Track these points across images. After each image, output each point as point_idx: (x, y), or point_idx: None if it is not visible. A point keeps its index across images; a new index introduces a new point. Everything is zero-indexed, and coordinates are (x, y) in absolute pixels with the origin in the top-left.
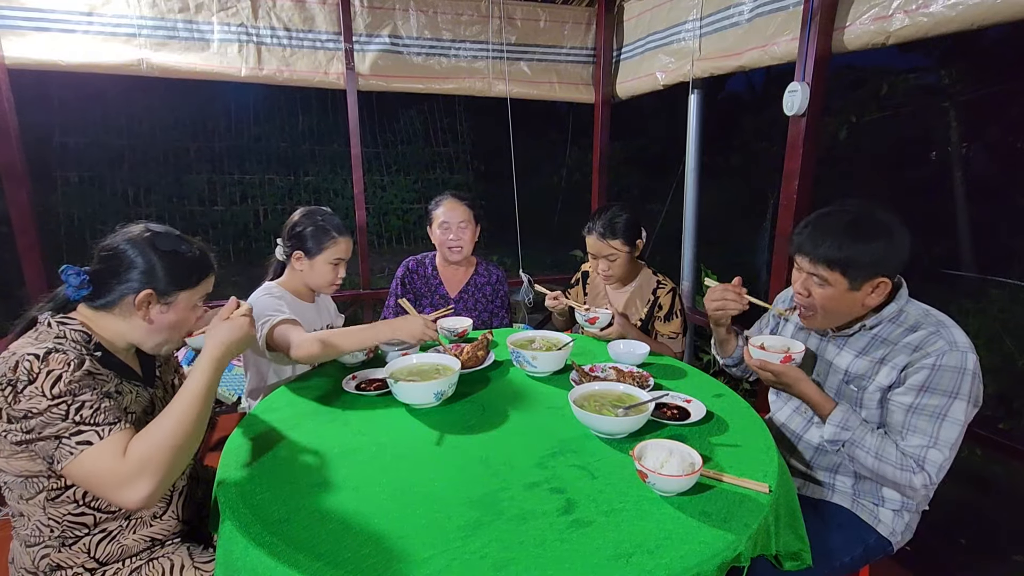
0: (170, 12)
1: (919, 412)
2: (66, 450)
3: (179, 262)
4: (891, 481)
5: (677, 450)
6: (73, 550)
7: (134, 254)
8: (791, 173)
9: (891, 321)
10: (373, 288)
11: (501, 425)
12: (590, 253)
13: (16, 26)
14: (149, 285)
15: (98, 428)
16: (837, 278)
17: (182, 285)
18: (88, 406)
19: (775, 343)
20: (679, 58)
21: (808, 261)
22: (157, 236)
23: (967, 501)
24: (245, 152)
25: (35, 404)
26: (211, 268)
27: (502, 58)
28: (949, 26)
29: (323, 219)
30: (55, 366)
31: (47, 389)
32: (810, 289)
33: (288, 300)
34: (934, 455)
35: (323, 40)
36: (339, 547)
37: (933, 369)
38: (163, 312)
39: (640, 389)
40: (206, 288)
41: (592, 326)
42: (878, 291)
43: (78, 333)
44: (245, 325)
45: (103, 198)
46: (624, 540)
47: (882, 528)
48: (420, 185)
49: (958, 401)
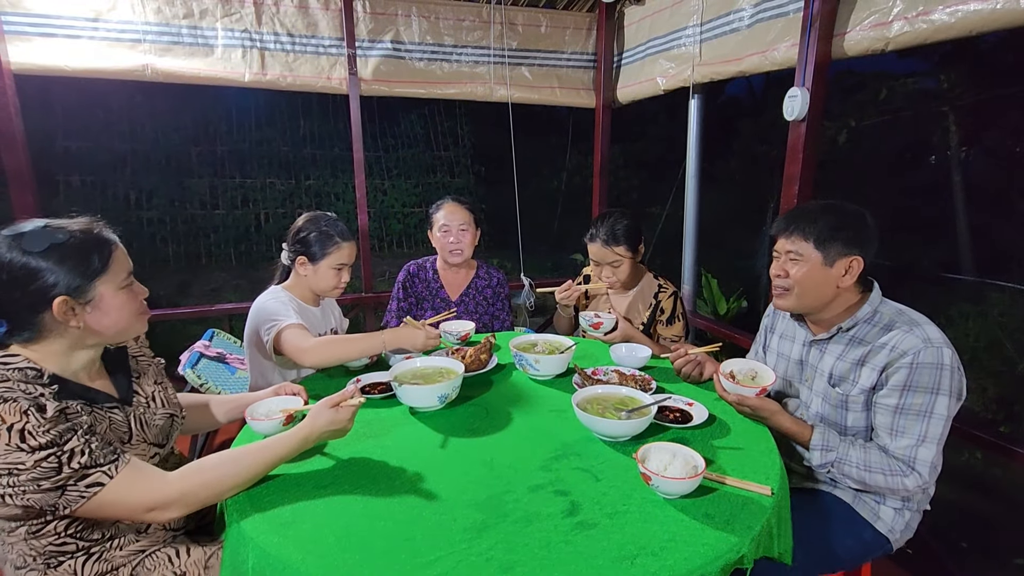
0: (175, 18)
1: (905, 412)
2: (74, 495)
3: (67, 254)
4: (884, 488)
5: (680, 453)
6: (59, 571)
7: (16, 267)
8: (791, 177)
9: (866, 322)
10: (375, 292)
11: (505, 428)
12: (593, 260)
13: (22, 31)
14: (54, 292)
15: (103, 468)
16: (810, 251)
17: (90, 275)
18: (79, 452)
19: (743, 368)
20: (679, 63)
21: (784, 238)
22: (24, 237)
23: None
24: (247, 156)
25: (15, 461)
26: (110, 242)
27: (503, 63)
28: (949, 32)
29: (327, 224)
30: (12, 419)
31: (20, 444)
32: (787, 269)
33: (294, 305)
34: (923, 453)
35: (326, 45)
36: (345, 549)
37: (912, 368)
38: (92, 311)
39: (643, 392)
40: (122, 266)
41: (597, 331)
42: (851, 271)
43: (23, 371)
44: (346, 420)
45: (105, 202)
46: (628, 542)
47: (880, 525)
48: (421, 189)
49: (940, 396)
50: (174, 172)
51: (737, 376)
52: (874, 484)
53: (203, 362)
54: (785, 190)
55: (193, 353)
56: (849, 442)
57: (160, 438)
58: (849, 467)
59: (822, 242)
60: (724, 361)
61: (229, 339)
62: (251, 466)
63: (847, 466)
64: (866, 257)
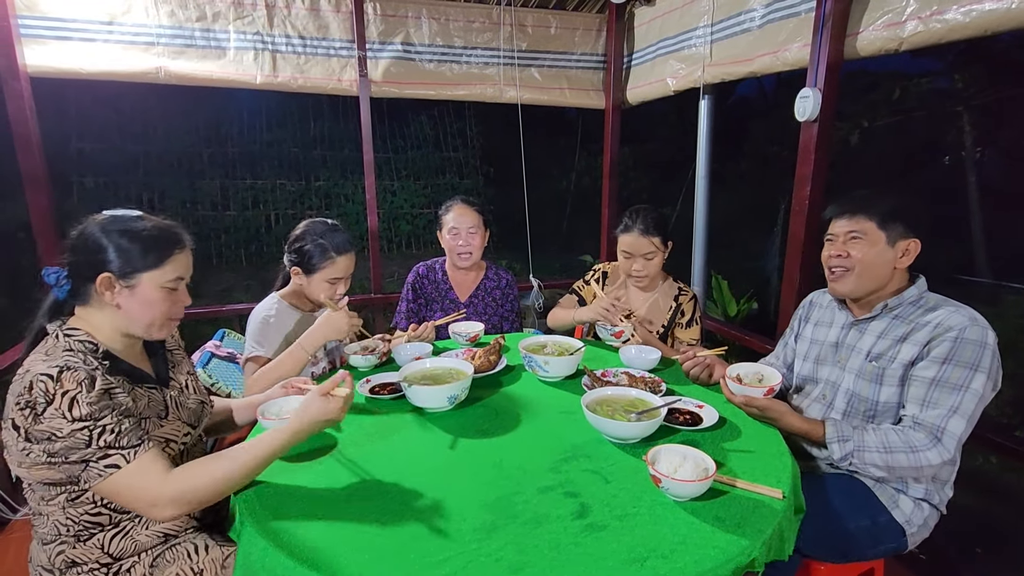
0: (188, 21)
1: (941, 384)
2: (94, 472)
3: (134, 241)
4: (908, 468)
5: (690, 455)
6: (87, 546)
7: (91, 238)
8: (803, 178)
9: (912, 303)
10: (384, 292)
11: (514, 429)
12: (624, 252)
13: (38, 35)
14: (106, 268)
15: (123, 452)
16: (874, 231)
17: (140, 266)
18: (110, 430)
19: (749, 371)
20: (690, 64)
21: (847, 218)
22: (113, 218)
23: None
24: (257, 157)
25: (57, 427)
26: (175, 246)
27: (513, 64)
28: (963, 32)
29: (323, 237)
30: (69, 386)
31: (66, 411)
32: (848, 250)
33: (285, 313)
34: (954, 425)
35: (337, 48)
36: (356, 548)
37: (956, 342)
38: (128, 296)
39: (652, 394)
40: (176, 269)
41: (617, 340)
42: (908, 254)
43: (84, 343)
44: (337, 410)
45: (118, 202)
46: (638, 544)
47: (898, 514)
48: (430, 190)
49: (979, 374)
50: (186, 173)
51: (744, 379)
52: (898, 465)
53: (214, 362)
54: (797, 191)
55: (204, 352)
56: (862, 428)
57: (193, 419)
58: (870, 454)
59: (886, 222)
60: (730, 365)
61: (239, 339)
62: (246, 463)
63: (868, 453)
64: (921, 240)
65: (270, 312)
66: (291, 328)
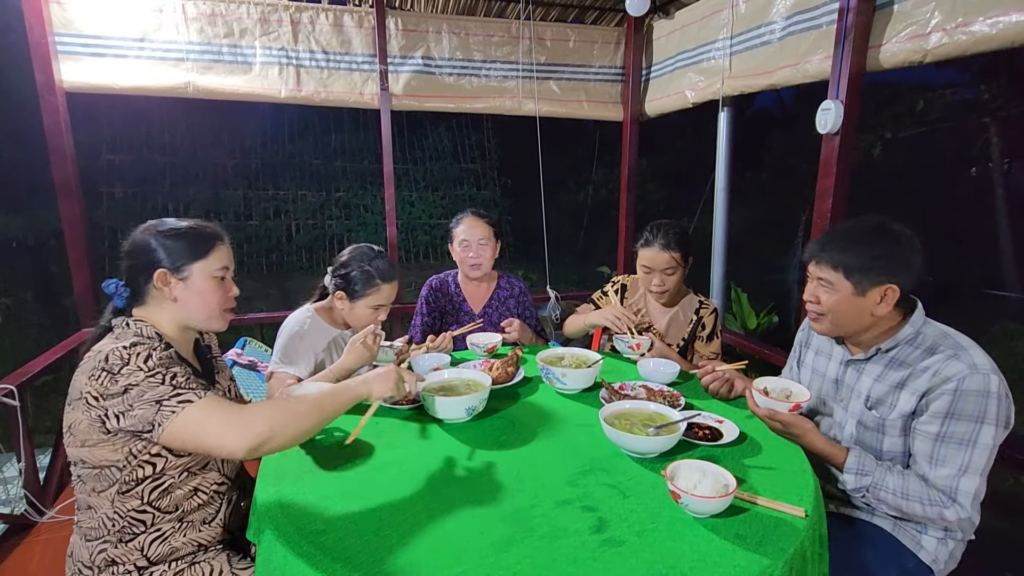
0: (216, 37)
1: (947, 441)
2: (168, 410)
3: (179, 239)
4: (922, 517)
5: (710, 471)
6: (128, 547)
7: (141, 243)
8: (824, 191)
9: (908, 343)
10: (401, 303)
11: (532, 441)
12: (644, 267)
13: (74, 52)
14: (160, 265)
15: (195, 390)
16: (840, 281)
17: (190, 258)
18: (181, 375)
19: (777, 386)
20: (709, 76)
21: (814, 264)
22: (160, 223)
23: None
24: (280, 169)
25: (133, 378)
26: (216, 239)
27: (532, 77)
28: (989, 44)
29: (370, 264)
30: (142, 351)
31: (141, 364)
32: (818, 295)
33: (317, 329)
34: (965, 484)
35: (359, 62)
36: (374, 558)
37: (955, 395)
38: (183, 288)
39: (671, 408)
40: (221, 259)
41: (635, 352)
42: (887, 300)
43: (150, 329)
44: (392, 382)
45: (145, 212)
46: (657, 561)
47: (924, 555)
48: (448, 201)
49: (986, 426)
50: (210, 184)
51: (771, 392)
52: (911, 512)
53: (235, 369)
54: (818, 204)
55: (226, 360)
56: (886, 467)
57: None
58: (885, 493)
59: (852, 272)
60: (758, 378)
61: (261, 347)
62: (332, 407)
63: (883, 492)
64: (902, 284)
65: (303, 326)
66: (322, 347)
